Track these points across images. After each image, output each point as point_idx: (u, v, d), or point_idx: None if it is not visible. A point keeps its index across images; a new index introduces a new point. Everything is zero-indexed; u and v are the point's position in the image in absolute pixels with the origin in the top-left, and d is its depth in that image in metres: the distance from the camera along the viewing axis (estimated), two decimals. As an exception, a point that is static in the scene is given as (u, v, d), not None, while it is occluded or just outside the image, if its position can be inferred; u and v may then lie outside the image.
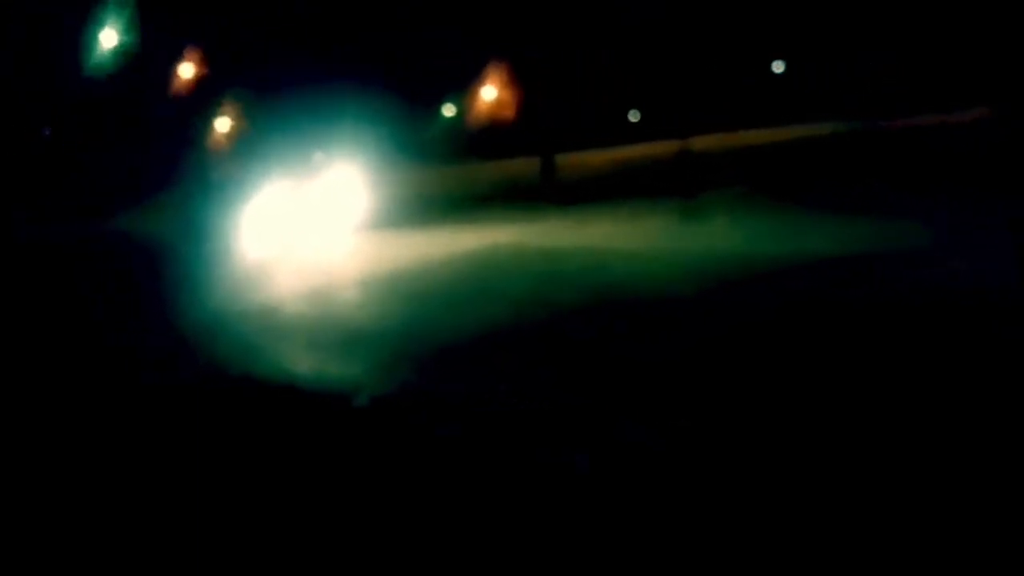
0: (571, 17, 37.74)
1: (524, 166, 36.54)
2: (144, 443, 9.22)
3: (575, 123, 39.72)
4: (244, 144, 35.80)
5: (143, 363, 12.98)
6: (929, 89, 32.77)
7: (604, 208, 26.45)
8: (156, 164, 34.89)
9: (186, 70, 36.69)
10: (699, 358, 11.04)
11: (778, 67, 44.43)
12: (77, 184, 33.20)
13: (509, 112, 40.23)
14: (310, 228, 27.11)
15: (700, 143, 30.42)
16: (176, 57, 36.55)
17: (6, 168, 33.31)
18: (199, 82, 37.00)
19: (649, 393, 9.78)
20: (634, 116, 45.54)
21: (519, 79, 39.77)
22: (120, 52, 34.71)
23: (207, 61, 36.74)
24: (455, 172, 37.15)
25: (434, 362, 12.06)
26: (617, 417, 8.71)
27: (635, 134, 43.85)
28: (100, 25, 34.44)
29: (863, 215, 19.76)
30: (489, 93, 40.64)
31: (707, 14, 39.28)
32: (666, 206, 23.92)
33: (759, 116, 41.83)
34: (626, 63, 41.64)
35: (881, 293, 13.42)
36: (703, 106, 37.19)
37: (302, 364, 12.67)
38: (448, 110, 41.74)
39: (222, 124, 38.27)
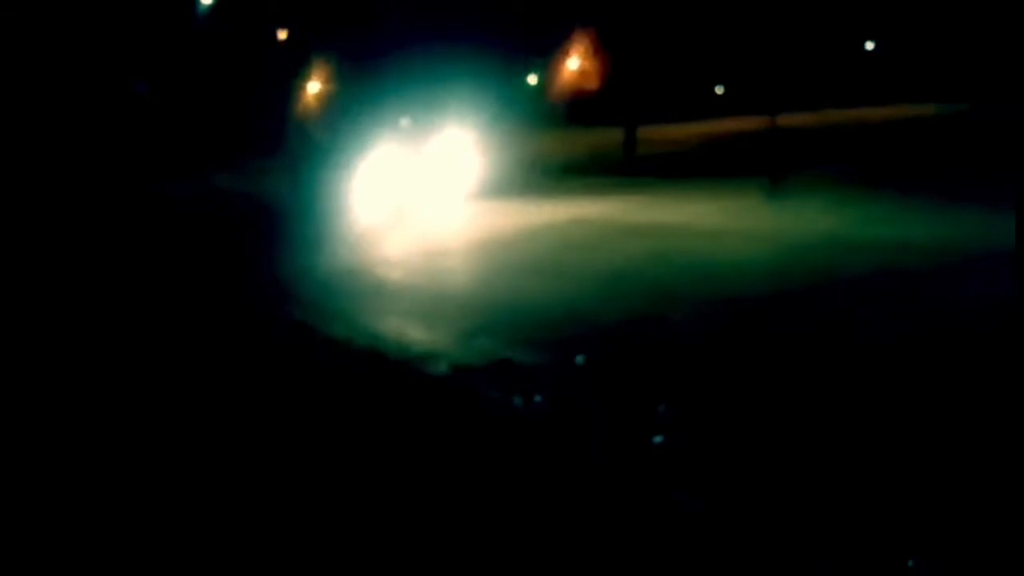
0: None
1: (612, 136, 36.55)
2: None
3: (660, 95, 39.55)
4: (356, 108, 36.19)
5: (255, 317, 13.69)
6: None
7: (689, 185, 26.49)
8: (272, 126, 35.58)
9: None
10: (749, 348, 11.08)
11: (869, 45, 43.76)
12: (194, 144, 34.08)
13: (593, 83, 40.19)
14: (411, 191, 27.71)
15: (788, 120, 30.15)
16: (289, 19, 36.99)
17: (123, 125, 34.19)
18: (313, 46, 37.43)
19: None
20: (720, 90, 45.14)
21: (605, 49, 39.68)
22: (232, 10, 35.22)
23: (321, 25, 37.14)
24: (549, 138, 37.57)
25: (510, 333, 12.32)
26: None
27: (721, 108, 43.43)
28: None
29: (952, 201, 19.47)
30: (573, 64, 40.61)
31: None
32: (751, 184, 23.80)
33: (851, 94, 41.23)
34: (714, 35, 41.26)
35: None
36: (792, 82, 36.80)
37: (393, 328, 13.09)
38: (532, 79, 41.80)
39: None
